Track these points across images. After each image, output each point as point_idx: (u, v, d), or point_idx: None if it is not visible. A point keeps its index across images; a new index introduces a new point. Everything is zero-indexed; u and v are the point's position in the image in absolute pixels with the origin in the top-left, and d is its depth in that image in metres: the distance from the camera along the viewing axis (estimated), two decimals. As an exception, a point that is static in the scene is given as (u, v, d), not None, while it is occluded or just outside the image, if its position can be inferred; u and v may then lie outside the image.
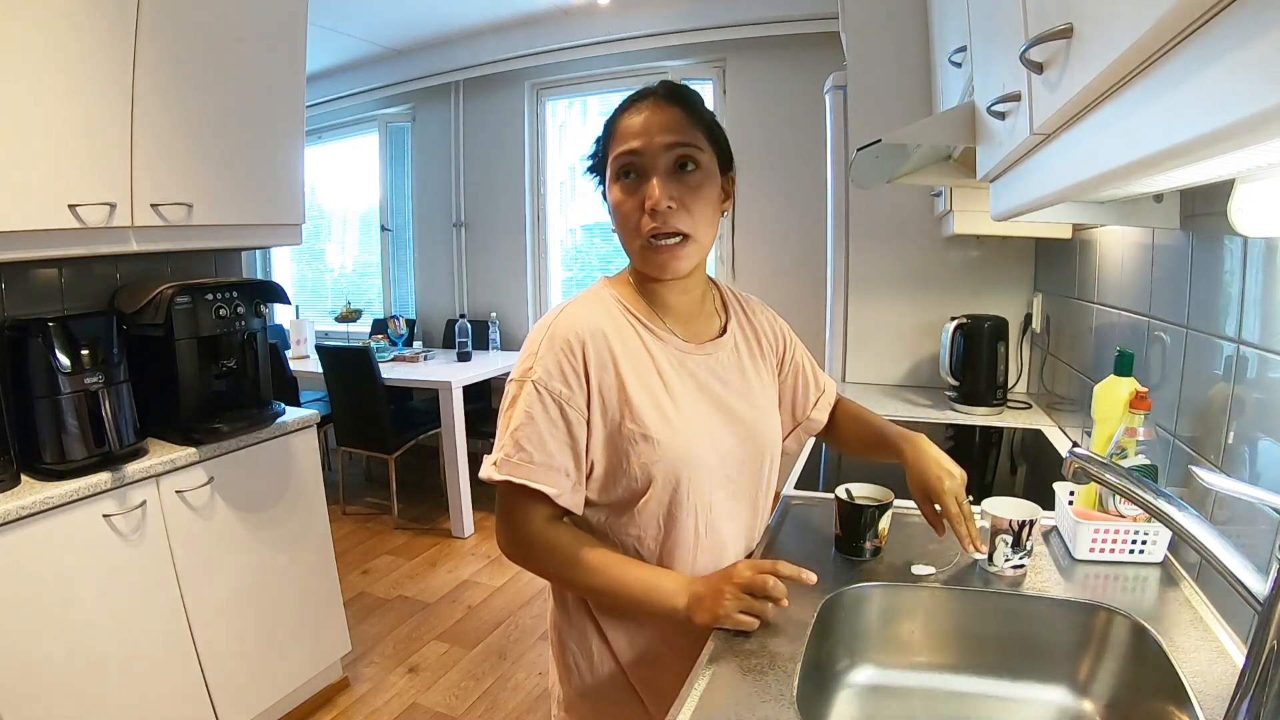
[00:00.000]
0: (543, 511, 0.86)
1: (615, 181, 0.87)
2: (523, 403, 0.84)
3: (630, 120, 0.86)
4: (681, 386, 0.90)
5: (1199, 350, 1.02)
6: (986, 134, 0.98)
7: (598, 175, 0.93)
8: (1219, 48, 0.35)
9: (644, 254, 0.87)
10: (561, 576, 0.91)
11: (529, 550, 0.88)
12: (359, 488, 4.21)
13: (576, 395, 0.84)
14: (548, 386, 0.84)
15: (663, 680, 0.90)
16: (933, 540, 1.10)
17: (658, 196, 0.83)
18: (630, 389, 0.86)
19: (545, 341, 0.85)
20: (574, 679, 0.97)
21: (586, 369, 0.84)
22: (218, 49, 1.81)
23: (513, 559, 0.91)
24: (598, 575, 0.86)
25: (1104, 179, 0.54)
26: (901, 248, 2.30)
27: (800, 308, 3.52)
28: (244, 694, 1.93)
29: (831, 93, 2.32)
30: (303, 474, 2.09)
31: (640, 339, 0.89)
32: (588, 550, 0.87)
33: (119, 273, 1.93)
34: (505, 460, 0.84)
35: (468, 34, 3.99)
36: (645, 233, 0.85)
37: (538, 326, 0.89)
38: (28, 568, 1.45)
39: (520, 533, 0.87)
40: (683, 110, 0.86)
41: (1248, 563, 0.58)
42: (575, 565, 0.87)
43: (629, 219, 0.86)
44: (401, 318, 4.13)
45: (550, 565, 0.89)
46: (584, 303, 0.90)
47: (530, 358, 0.85)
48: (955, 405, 2.01)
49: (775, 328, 1.08)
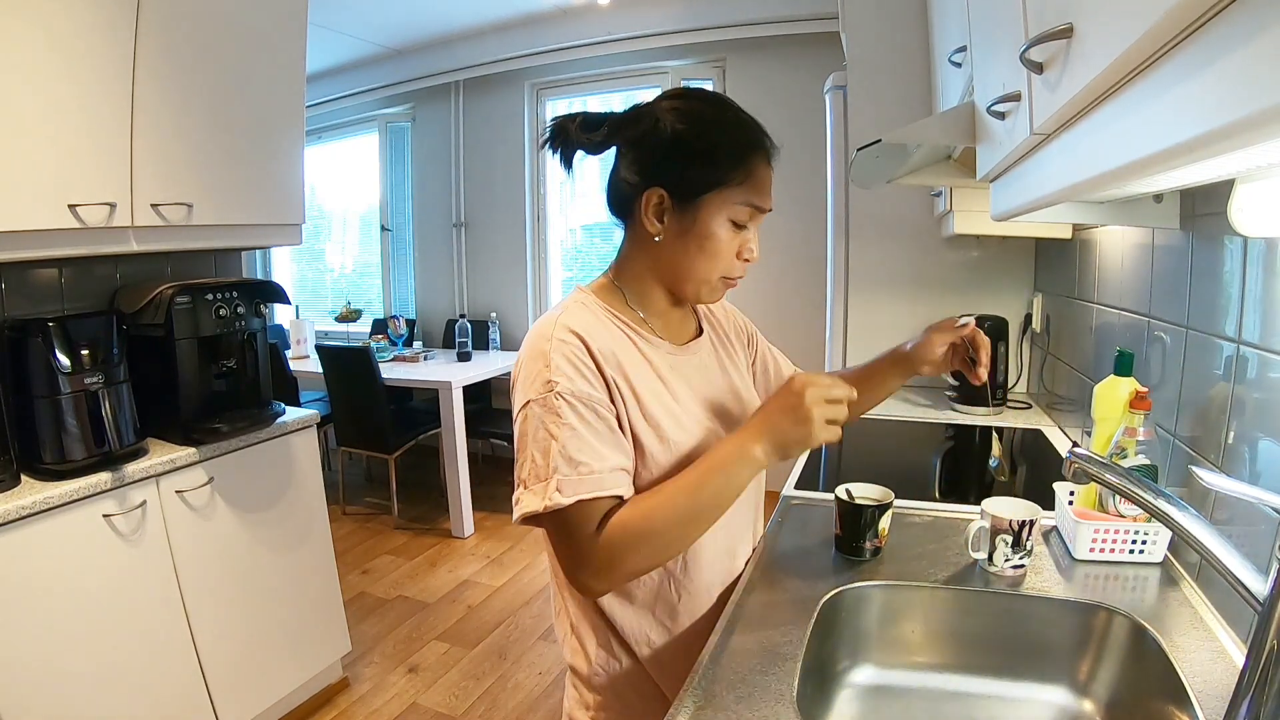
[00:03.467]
0: (596, 514, 0.79)
1: (726, 220, 0.85)
2: (554, 419, 0.78)
3: (766, 174, 0.87)
4: (681, 389, 0.90)
5: (1199, 350, 1.02)
6: (986, 134, 0.98)
7: (686, 176, 0.84)
8: (1219, 47, 0.35)
9: (714, 287, 0.89)
10: (665, 553, 0.83)
11: (622, 557, 0.78)
12: (359, 488, 4.21)
13: (601, 393, 0.82)
14: (574, 393, 0.79)
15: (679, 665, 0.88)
16: (933, 540, 1.10)
17: (756, 252, 0.88)
18: (639, 390, 0.85)
19: (554, 353, 0.81)
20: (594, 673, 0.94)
21: (599, 367, 0.83)
22: (218, 49, 1.81)
23: (609, 583, 0.82)
24: (683, 508, 0.79)
25: (1104, 179, 0.54)
26: (901, 248, 2.30)
27: (800, 308, 3.55)
28: (244, 694, 1.93)
29: (831, 93, 2.31)
30: (303, 474, 2.09)
31: (634, 345, 0.89)
32: (655, 505, 0.79)
33: (119, 273, 1.93)
34: (567, 481, 0.76)
35: (468, 34, 3.99)
36: (733, 275, 0.89)
37: (534, 341, 0.84)
38: (28, 568, 1.45)
39: (598, 547, 0.77)
40: None
41: (1248, 563, 0.58)
42: (665, 527, 0.79)
43: (721, 256, 0.86)
44: (401, 318, 4.14)
45: (648, 550, 0.80)
46: (573, 310, 0.87)
47: (543, 371, 0.80)
48: (955, 405, 2.01)
49: (735, 318, 1.09)
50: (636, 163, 0.86)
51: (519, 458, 0.81)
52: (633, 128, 0.85)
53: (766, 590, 0.96)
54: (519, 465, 0.81)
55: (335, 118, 4.69)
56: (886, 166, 1.58)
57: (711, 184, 0.84)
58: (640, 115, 0.85)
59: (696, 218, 0.84)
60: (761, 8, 3.35)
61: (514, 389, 0.85)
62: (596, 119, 0.86)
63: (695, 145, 0.84)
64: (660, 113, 0.85)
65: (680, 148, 0.84)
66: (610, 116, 0.87)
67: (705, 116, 0.86)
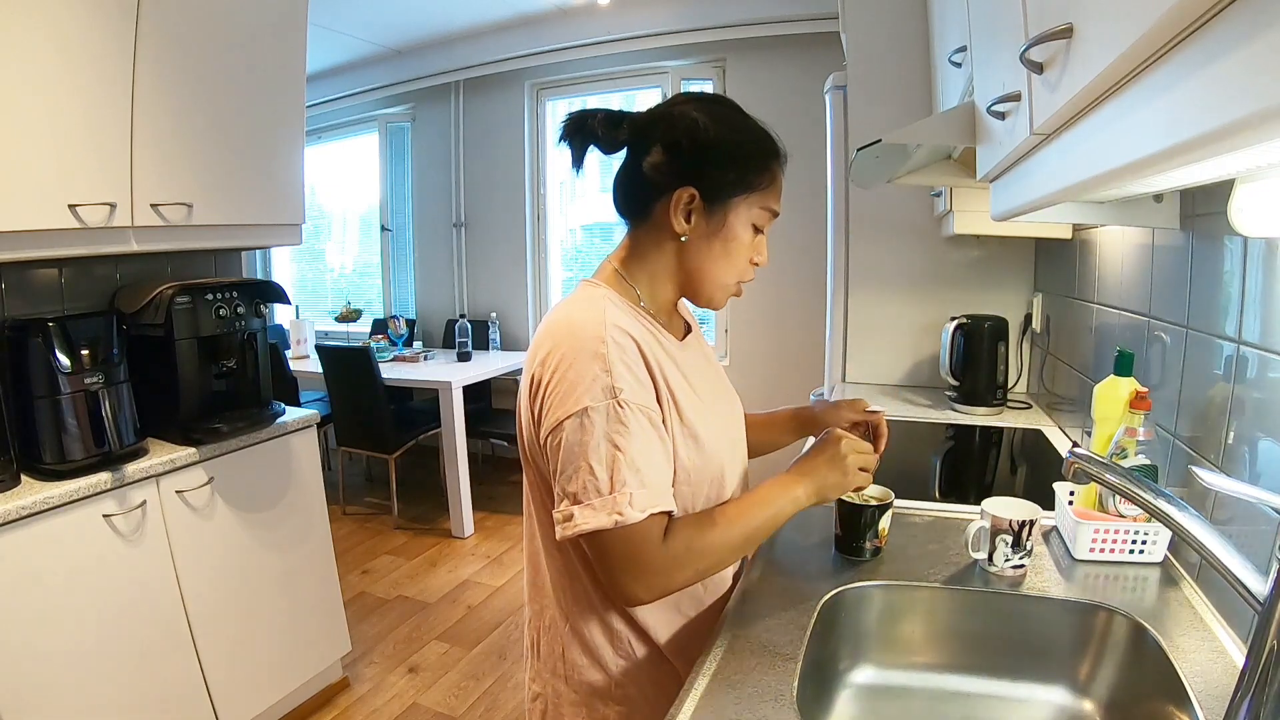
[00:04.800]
0: (661, 528, 0.79)
1: (749, 223, 0.89)
2: (620, 429, 0.76)
3: (781, 181, 0.91)
4: (698, 384, 0.91)
5: (1199, 350, 1.02)
6: (986, 134, 0.98)
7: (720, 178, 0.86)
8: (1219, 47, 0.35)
9: (727, 290, 0.92)
10: (711, 572, 0.86)
11: (681, 571, 0.80)
12: (359, 488, 4.21)
13: (653, 400, 0.81)
14: (637, 401, 0.78)
15: (692, 646, 0.88)
16: (933, 540, 1.10)
17: (766, 259, 0.93)
18: (675, 389, 0.85)
19: (612, 356, 0.78)
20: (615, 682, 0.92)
21: (650, 372, 0.82)
22: (218, 49, 1.81)
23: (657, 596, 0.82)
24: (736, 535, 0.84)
25: (1104, 179, 0.54)
26: (901, 247, 2.29)
27: (800, 308, 3.55)
28: (244, 694, 1.93)
29: (831, 93, 2.31)
30: (303, 474, 2.09)
31: (660, 342, 0.88)
32: (715, 526, 0.82)
33: (119, 273, 1.93)
34: (638, 496, 0.75)
35: (468, 34, 3.99)
36: (745, 279, 0.92)
37: (581, 340, 0.80)
38: (28, 568, 1.45)
39: (655, 563, 0.78)
40: None
41: (1248, 563, 0.58)
42: (720, 548, 0.82)
43: (737, 262, 0.90)
44: (401, 318, 4.13)
45: (702, 567, 0.83)
46: (609, 309, 0.84)
47: (602, 376, 0.77)
48: (955, 405, 2.01)
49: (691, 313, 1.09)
50: (671, 162, 0.86)
51: (567, 469, 0.77)
52: (667, 127, 0.86)
53: (766, 590, 0.96)
54: (568, 478, 0.77)
55: (335, 118, 4.68)
56: (886, 166, 1.58)
57: (742, 188, 0.86)
58: (674, 116, 0.87)
59: (725, 220, 0.87)
60: (761, 8, 3.35)
61: (550, 391, 0.79)
62: (618, 116, 0.88)
63: (730, 149, 0.86)
64: (694, 114, 0.86)
65: (718, 150, 0.86)
66: (631, 115, 0.88)
67: (734, 122, 0.88)
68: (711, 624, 0.91)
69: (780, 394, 3.42)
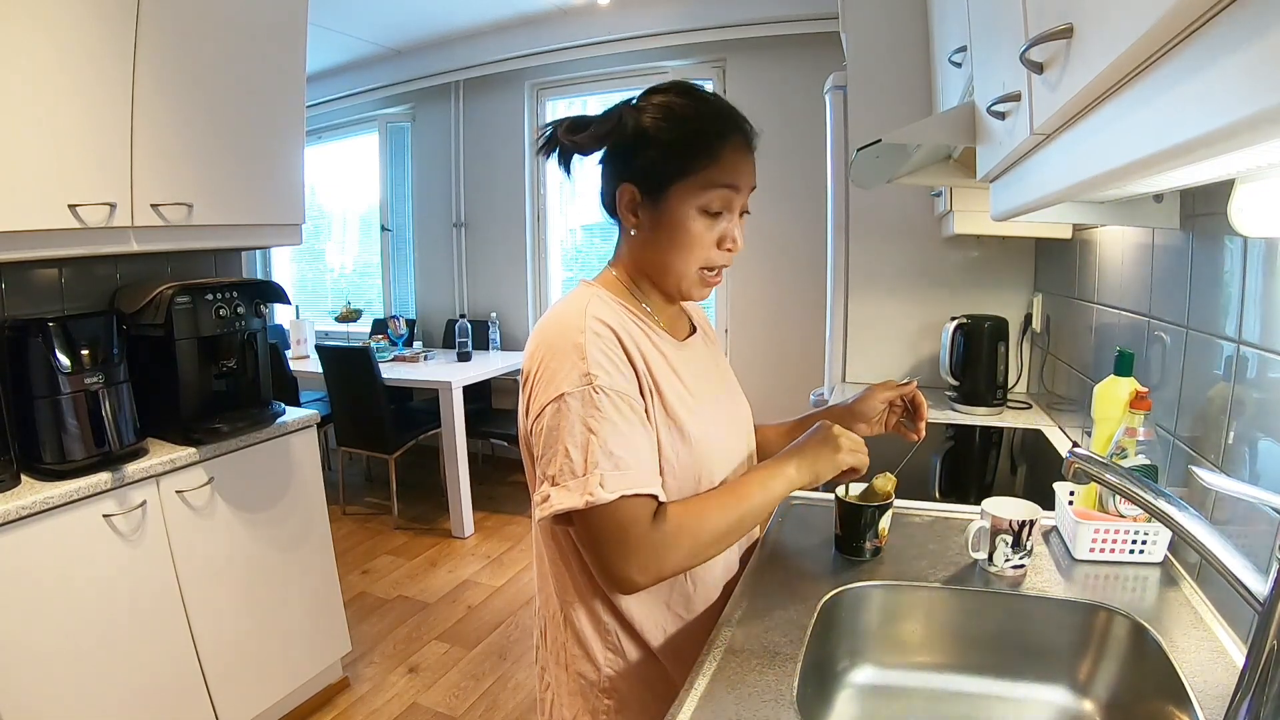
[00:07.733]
0: (648, 511, 0.79)
1: (700, 207, 0.85)
2: (594, 413, 0.78)
3: (737, 156, 0.85)
4: (691, 382, 0.91)
5: (1199, 350, 1.02)
6: (986, 134, 0.98)
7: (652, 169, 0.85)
8: (1219, 48, 0.35)
9: (694, 280, 0.89)
10: (705, 555, 0.85)
11: (671, 554, 0.80)
12: (359, 488, 4.21)
13: (634, 388, 0.82)
14: (613, 388, 0.79)
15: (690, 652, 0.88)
16: (933, 540, 1.10)
17: (739, 241, 0.88)
18: (661, 385, 0.86)
19: (589, 345, 0.80)
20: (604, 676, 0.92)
21: (631, 361, 0.83)
22: (218, 49, 1.81)
23: (651, 578, 0.80)
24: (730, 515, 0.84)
25: (1104, 179, 0.54)
26: (901, 247, 2.30)
27: (800, 308, 3.55)
28: (244, 694, 1.93)
29: (831, 93, 2.32)
30: (303, 474, 2.09)
31: (649, 338, 0.89)
32: (707, 508, 0.83)
33: (119, 273, 1.93)
34: (610, 476, 0.76)
35: (468, 34, 3.99)
36: (715, 265, 0.88)
37: (561, 332, 0.82)
38: (28, 568, 1.45)
39: (644, 544, 0.78)
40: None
41: (1248, 563, 0.58)
42: (713, 529, 0.82)
43: (698, 247, 0.86)
44: (401, 318, 4.14)
45: (695, 549, 0.82)
46: (591, 302, 0.86)
47: (579, 364, 0.79)
48: (955, 405, 2.01)
49: (705, 318, 1.09)
50: (609, 160, 0.88)
51: (546, 452, 0.79)
52: (603, 126, 0.86)
53: (766, 590, 0.96)
54: (546, 460, 0.79)
55: (335, 118, 4.68)
56: (886, 166, 1.57)
57: (675, 174, 0.84)
58: (609, 113, 0.87)
59: (665, 209, 0.85)
60: (761, 8, 3.35)
61: (535, 381, 0.82)
62: (583, 121, 0.87)
63: (657, 137, 0.85)
64: (627, 110, 0.87)
65: (642, 141, 0.85)
66: (591, 118, 0.88)
67: (671, 108, 0.86)
68: (702, 629, 0.91)
69: (780, 394, 3.43)
